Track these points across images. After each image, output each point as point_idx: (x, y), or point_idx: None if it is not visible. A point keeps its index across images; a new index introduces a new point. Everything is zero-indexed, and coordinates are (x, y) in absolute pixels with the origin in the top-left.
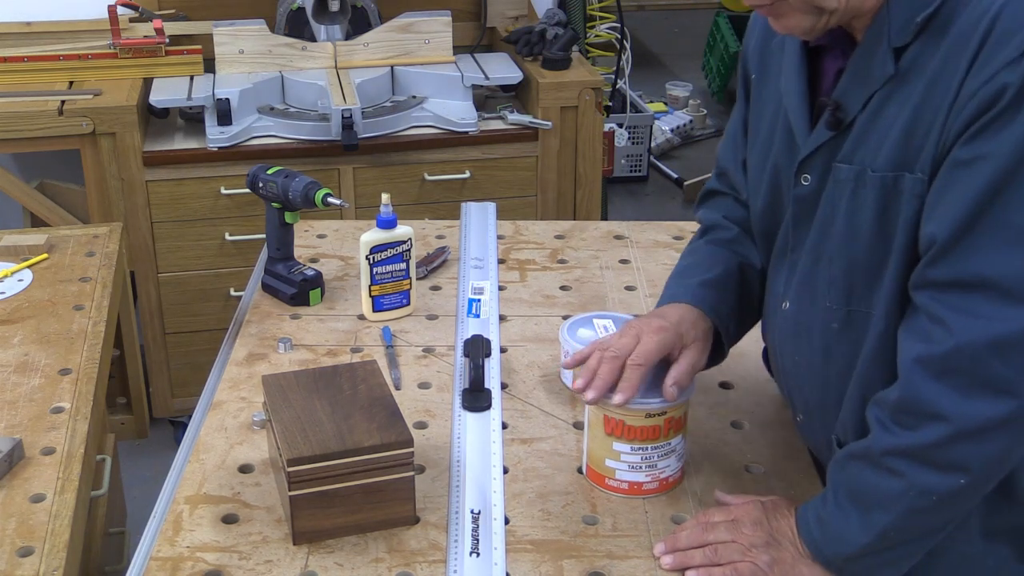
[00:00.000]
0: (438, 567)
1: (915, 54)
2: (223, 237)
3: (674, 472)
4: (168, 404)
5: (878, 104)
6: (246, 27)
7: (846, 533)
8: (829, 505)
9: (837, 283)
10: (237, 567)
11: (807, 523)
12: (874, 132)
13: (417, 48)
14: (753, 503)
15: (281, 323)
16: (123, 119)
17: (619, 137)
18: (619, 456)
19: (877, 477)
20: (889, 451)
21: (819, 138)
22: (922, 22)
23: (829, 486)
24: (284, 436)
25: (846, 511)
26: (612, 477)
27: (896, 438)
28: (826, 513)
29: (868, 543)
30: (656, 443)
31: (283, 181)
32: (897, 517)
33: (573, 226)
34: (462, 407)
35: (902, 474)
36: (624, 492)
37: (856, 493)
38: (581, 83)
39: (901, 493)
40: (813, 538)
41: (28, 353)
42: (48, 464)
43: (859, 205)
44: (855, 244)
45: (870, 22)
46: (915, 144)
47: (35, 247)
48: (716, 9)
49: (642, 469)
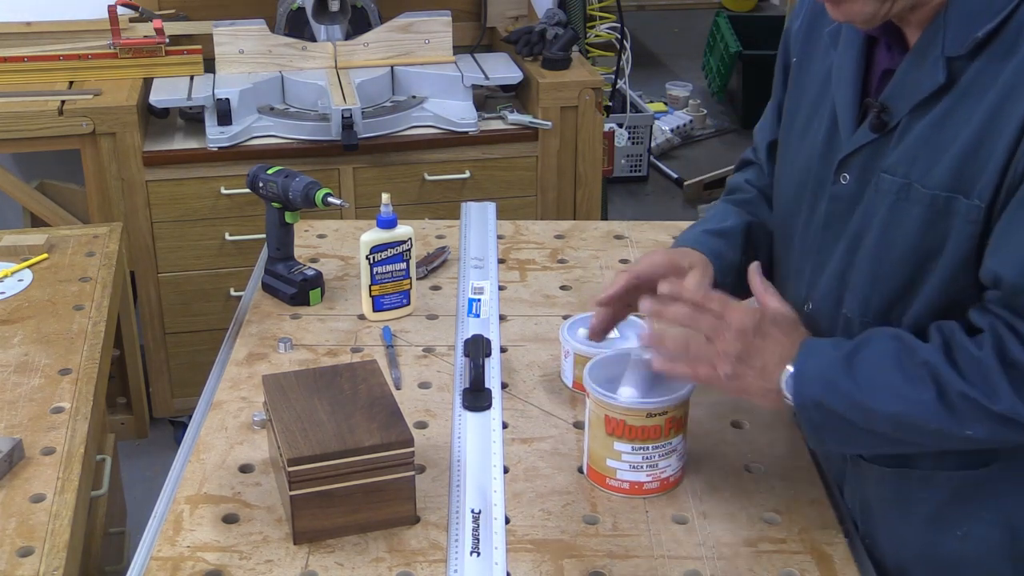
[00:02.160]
0: (438, 567)
1: (978, 70)
2: (223, 237)
3: (675, 472)
4: (168, 404)
5: (936, 118)
6: (246, 27)
7: (838, 383)
8: (840, 352)
9: (857, 293)
10: (237, 567)
11: (808, 348)
12: (929, 148)
13: (417, 48)
14: (751, 311)
15: (281, 323)
16: (123, 119)
17: (619, 137)
18: (620, 456)
19: (904, 371)
20: (931, 365)
21: (861, 139)
22: (984, 37)
23: (853, 342)
24: (284, 436)
25: (853, 369)
26: (613, 477)
27: (947, 367)
28: (832, 355)
29: (843, 406)
30: (657, 443)
31: (283, 181)
32: (893, 413)
33: (573, 226)
34: (462, 407)
35: (926, 389)
36: (625, 492)
37: (875, 366)
38: (581, 83)
39: (910, 399)
40: (803, 365)
41: (28, 353)
42: (48, 464)
43: (899, 219)
44: (885, 257)
45: (927, 23)
46: (974, 168)
47: (35, 247)
48: (716, 9)
49: (643, 469)
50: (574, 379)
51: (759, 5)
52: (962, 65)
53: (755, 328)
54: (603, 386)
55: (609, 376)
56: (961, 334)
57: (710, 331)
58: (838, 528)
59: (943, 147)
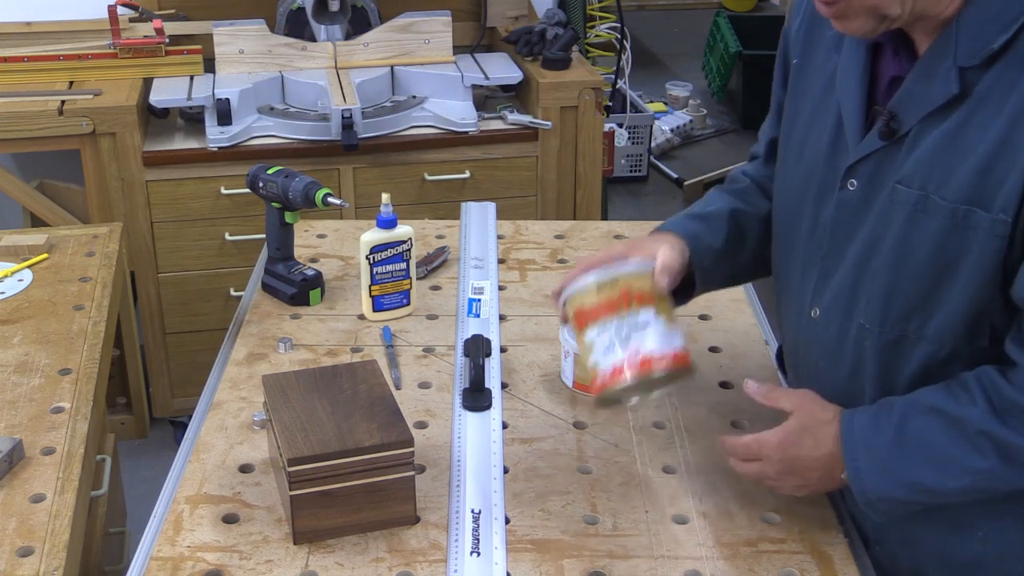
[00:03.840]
0: (438, 567)
1: (994, 80)
2: (223, 237)
3: (659, 350)
4: (168, 404)
5: (952, 129)
6: (246, 27)
7: (898, 474)
8: (885, 439)
9: (875, 303)
10: (237, 567)
11: (852, 444)
12: (945, 159)
13: (417, 48)
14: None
15: (281, 323)
16: (123, 119)
17: (619, 137)
18: (593, 347)
19: (960, 446)
20: (988, 433)
21: (870, 146)
22: (999, 47)
23: (892, 423)
24: (284, 436)
25: (909, 457)
26: (597, 376)
27: (1003, 429)
28: (880, 445)
29: (910, 493)
30: (622, 316)
31: (283, 181)
32: (961, 487)
33: (573, 226)
34: (462, 407)
35: (988, 457)
36: (609, 384)
37: (928, 446)
38: (581, 83)
39: (977, 471)
40: (856, 463)
41: (28, 353)
42: (48, 464)
43: (917, 231)
44: (903, 268)
45: (937, 34)
46: (994, 180)
47: (35, 247)
48: (716, 9)
49: (615, 349)
50: (574, 379)
51: (759, 5)
52: (976, 75)
53: (783, 458)
54: None
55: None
56: (1003, 384)
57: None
58: (838, 528)
59: (960, 158)
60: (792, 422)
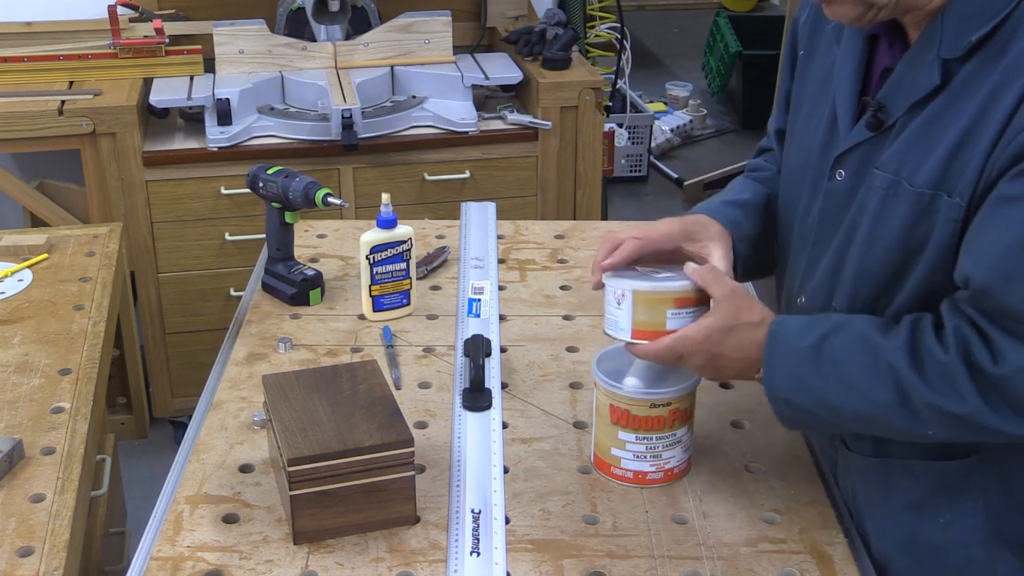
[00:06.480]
0: (438, 567)
1: (970, 72)
2: (223, 237)
3: (680, 463)
4: (168, 404)
5: (928, 118)
6: (246, 27)
7: (808, 381)
8: (806, 344)
9: (846, 288)
10: (237, 567)
11: (774, 344)
12: (920, 146)
13: (417, 48)
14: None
15: (281, 323)
16: (123, 119)
17: (619, 137)
18: (624, 445)
19: (868, 375)
20: (896, 369)
21: (858, 136)
22: (977, 41)
23: (819, 332)
24: (284, 436)
25: (821, 368)
26: (617, 466)
27: (911, 370)
28: (800, 348)
29: (815, 405)
30: (661, 433)
31: (283, 181)
32: (859, 414)
33: (573, 226)
34: (462, 407)
35: (889, 392)
36: (629, 481)
37: (840, 364)
38: (581, 83)
39: (877, 403)
40: (772, 360)
41: (28, 353)
42: (48, 464)
43: (887, 215)
44: (872, 252)
45: (924, 26)
46: (958, 167)
47: (35, 247)
48: (716, 9)
49: (647, 459)
50: (633, 327)
51: (759, 5)
52: (956, 67)
53: (705, 353)
54: (609, 376)
55: (616, 367)
56: (930, 335)
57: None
58: (838, 528)
59: (932, 146)
60: (717, 319)
